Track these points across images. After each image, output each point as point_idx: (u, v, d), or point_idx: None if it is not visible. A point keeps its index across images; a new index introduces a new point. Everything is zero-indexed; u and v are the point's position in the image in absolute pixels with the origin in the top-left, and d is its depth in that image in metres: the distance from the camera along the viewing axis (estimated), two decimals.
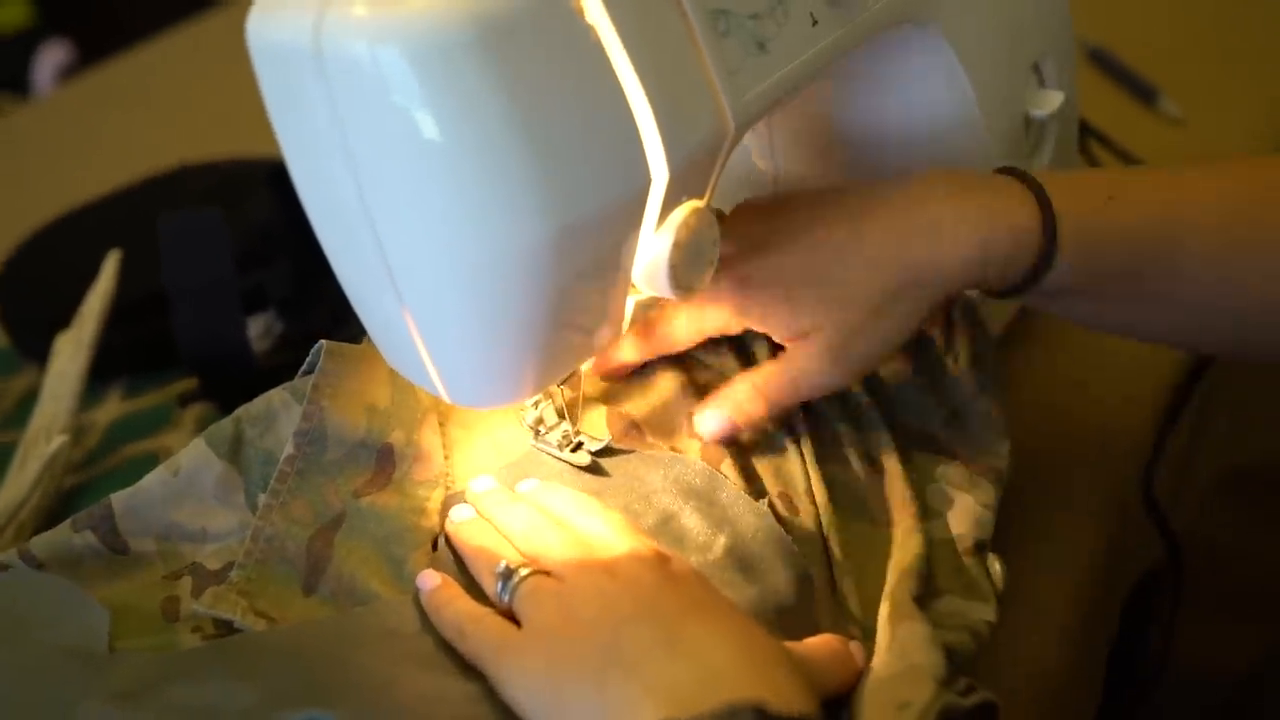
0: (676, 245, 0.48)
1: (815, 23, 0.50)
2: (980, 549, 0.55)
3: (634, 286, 0.50)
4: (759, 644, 0.45)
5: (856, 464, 0.58)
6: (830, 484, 0.57)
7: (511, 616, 0.49)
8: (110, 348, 0.75)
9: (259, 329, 0.78)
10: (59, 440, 0.68)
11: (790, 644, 0.47)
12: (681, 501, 0.54)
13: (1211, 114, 0.96)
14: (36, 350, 0.79)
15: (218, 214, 0.68)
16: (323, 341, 0.55)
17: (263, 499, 0.52)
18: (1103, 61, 1.02)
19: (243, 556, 0.51)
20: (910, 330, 0.54)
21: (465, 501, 0.55)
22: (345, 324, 0.81)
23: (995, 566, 0.54)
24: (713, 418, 0.56)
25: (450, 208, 0.43)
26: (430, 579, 0.51)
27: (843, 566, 0.54)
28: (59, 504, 0.69)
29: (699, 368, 0.61)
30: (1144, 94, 0.98)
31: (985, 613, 0.52)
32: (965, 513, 0.56)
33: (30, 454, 0.69)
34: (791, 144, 0.67)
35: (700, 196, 0.49)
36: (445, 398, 0.51)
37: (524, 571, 0.49)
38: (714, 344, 0.61)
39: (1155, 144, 0.91)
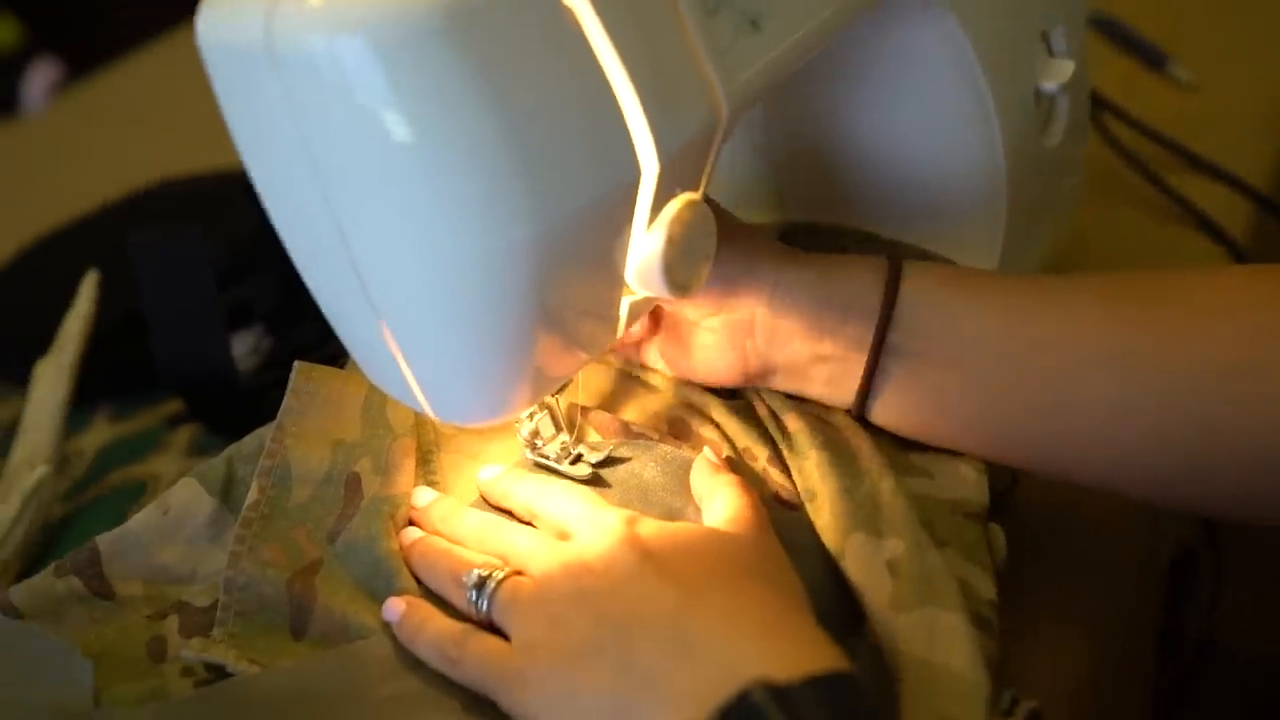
0: (670, 242, 0.44)
1: None
2: (975, 516, 0.50)
3: (628, 287, 0.47)
4: (761, 611, 0.43)
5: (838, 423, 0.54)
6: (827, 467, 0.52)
7: (491, 627, 0.46)
8: (93, 371, 0.73)
9: (247, 345, 0.76)
10: (40, 471, 0.66)
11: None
12: (686, 498, 0.51)
13: (1225, 79, 0.92)
14: (20, 377, 0.76)
15: (196, 229, 0.65)
16: (297, 364, 0.52)
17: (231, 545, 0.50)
18: (1108, 29, 0.98)
19: (220, 612, 0.49)
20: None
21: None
22: (336, 336, 0.78)
23: (997, 537, 0.51)
24: None
25: (423, 211, 0.40)
26: (396, 607, 0.48)
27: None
28: (46, 535, 0.67)
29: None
30: (1153, 60, 0.95)
31: (986, 586, 0.48)
32: (957, 477, 0.52)
33: (13, 487, 0.66)
34: (790, 135, 0.64)
35: (694, 188, 0.46)
36: (431, 415, 0.48)
37: (499, 575, 0.46)
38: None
39: (1169, 112, 0.87)
